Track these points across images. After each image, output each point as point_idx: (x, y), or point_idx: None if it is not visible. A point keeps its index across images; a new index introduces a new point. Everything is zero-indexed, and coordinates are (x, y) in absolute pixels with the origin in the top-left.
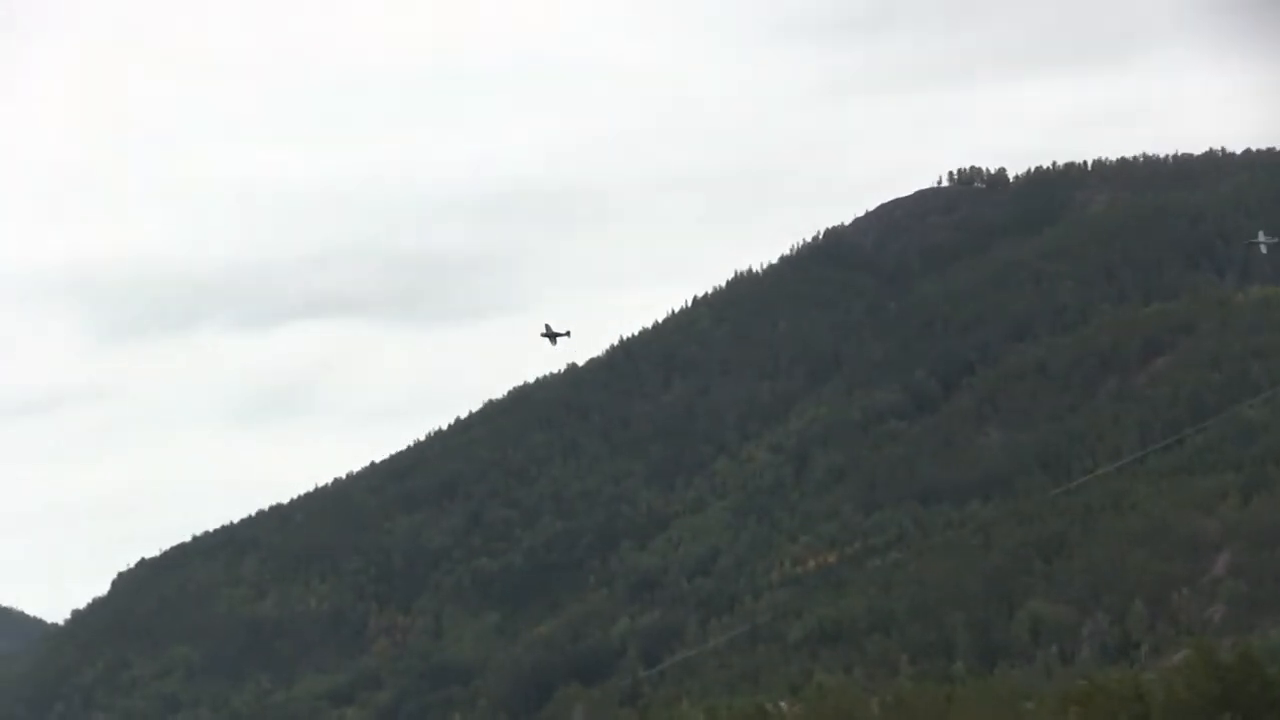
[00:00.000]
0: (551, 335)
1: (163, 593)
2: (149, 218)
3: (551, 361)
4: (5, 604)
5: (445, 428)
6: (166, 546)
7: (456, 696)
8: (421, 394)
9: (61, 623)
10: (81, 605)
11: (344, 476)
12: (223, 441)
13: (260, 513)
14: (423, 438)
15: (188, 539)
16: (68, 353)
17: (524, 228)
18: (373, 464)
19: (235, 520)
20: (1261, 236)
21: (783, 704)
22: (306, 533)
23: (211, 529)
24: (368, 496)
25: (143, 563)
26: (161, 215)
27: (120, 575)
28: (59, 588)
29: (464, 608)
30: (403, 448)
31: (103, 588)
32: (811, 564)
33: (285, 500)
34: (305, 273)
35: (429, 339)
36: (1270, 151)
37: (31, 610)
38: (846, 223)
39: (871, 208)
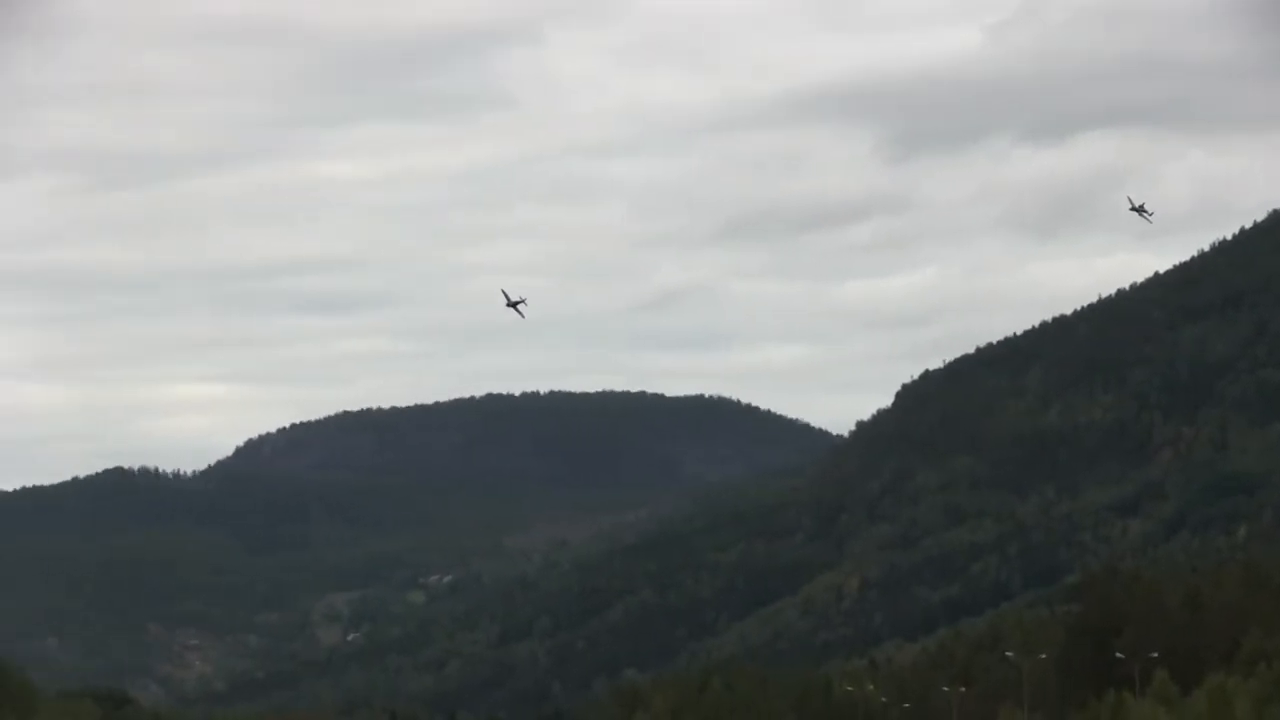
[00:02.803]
0: (512, 304)
1: (946, 404)
2: (946, 27)
3: None
4: (791, 416)
5: (1230, 237)
6: (951, 358)
7: (1241, 508)
8: (1207, 203)
9: (846, 434)
10: (865, 417)
11: (1128, 287)
12: (1010, 252)
13: (1044, 324)
14: (1207, 248)
15: (971, 350)
16: (863, 165)
17: None
18: (1157, 274)
19: (1019, 331)
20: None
21: None
22: (1091, 344)
23: (995, 340)
24: (1152, 307)
25: (926, 374)
26: (957, 25)
27: (904, 387)
28: (844, 400)
29: (1249, 419)
30: (1188, 258)
31: (886, 399)
32: None
33: (1069, 311)
34: (1096, 83)
35: (1216, 148)
36: None
37: (816, 422)
38: None
39: None
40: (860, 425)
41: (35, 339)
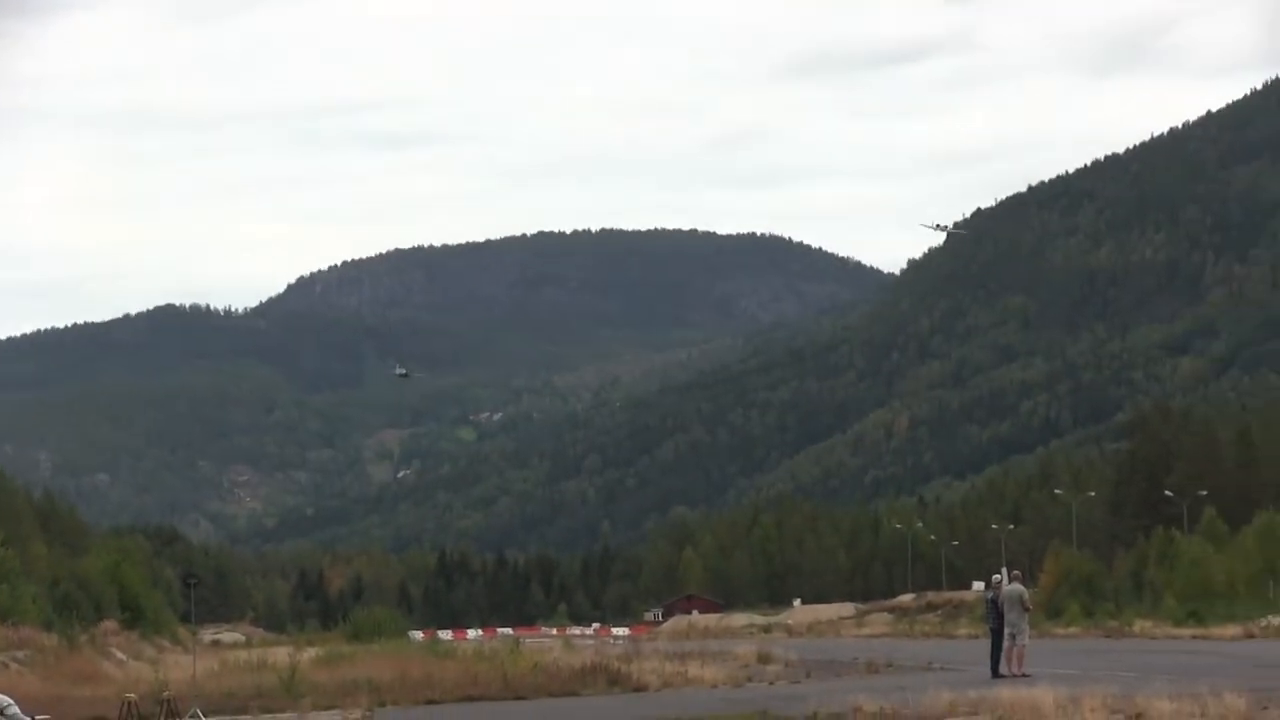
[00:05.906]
0: (402, 374)
1: (998, 243)
2: None
3: None
4: (843, 254)
5: None
6: (1003, 196)
7: None
8: (1259, 44)
9: (898, 272)
10: (917, 255)
11: (1180, 126)
12: (1065, 91)
13: (1096, 162)
14: (1260, 86)
15: (1024, 189)
16: (926, 2)
17: None
18: (1209, 113)
19: (1071, 170)
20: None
21: None
22: (1143, 182)
23: (1048, 179)
24: (1205, 146)
25: (979, 212)
26: None
27: (956, 224)
28: (896, 238)
29: None
30: (1240, 96)
31: (938, 238)
32: None
33: (1121, 150)
34: None
35: None
36: None
37: (869, 260)
38: None
39: None
40: (911, 263)
41: (88, 175)
